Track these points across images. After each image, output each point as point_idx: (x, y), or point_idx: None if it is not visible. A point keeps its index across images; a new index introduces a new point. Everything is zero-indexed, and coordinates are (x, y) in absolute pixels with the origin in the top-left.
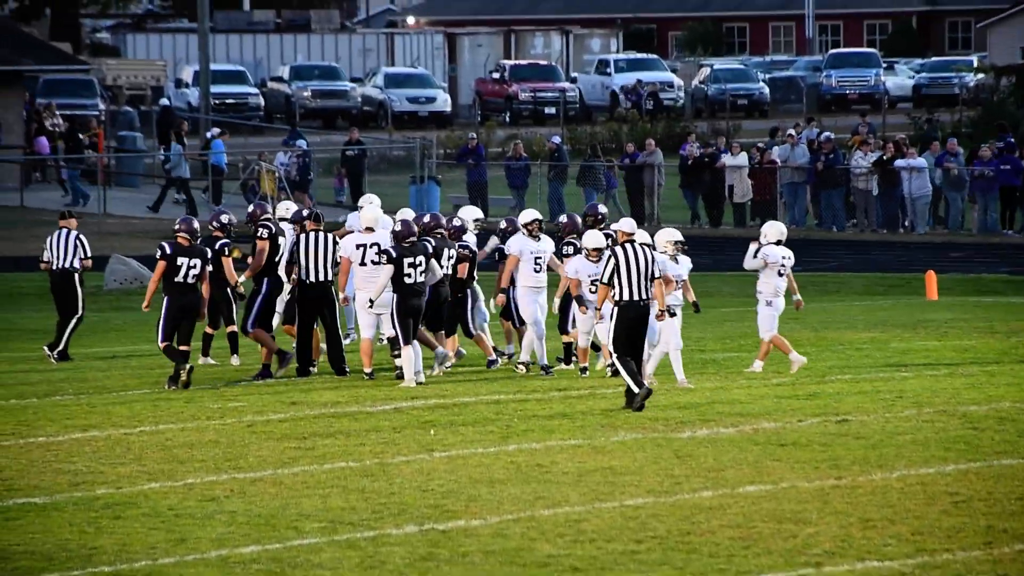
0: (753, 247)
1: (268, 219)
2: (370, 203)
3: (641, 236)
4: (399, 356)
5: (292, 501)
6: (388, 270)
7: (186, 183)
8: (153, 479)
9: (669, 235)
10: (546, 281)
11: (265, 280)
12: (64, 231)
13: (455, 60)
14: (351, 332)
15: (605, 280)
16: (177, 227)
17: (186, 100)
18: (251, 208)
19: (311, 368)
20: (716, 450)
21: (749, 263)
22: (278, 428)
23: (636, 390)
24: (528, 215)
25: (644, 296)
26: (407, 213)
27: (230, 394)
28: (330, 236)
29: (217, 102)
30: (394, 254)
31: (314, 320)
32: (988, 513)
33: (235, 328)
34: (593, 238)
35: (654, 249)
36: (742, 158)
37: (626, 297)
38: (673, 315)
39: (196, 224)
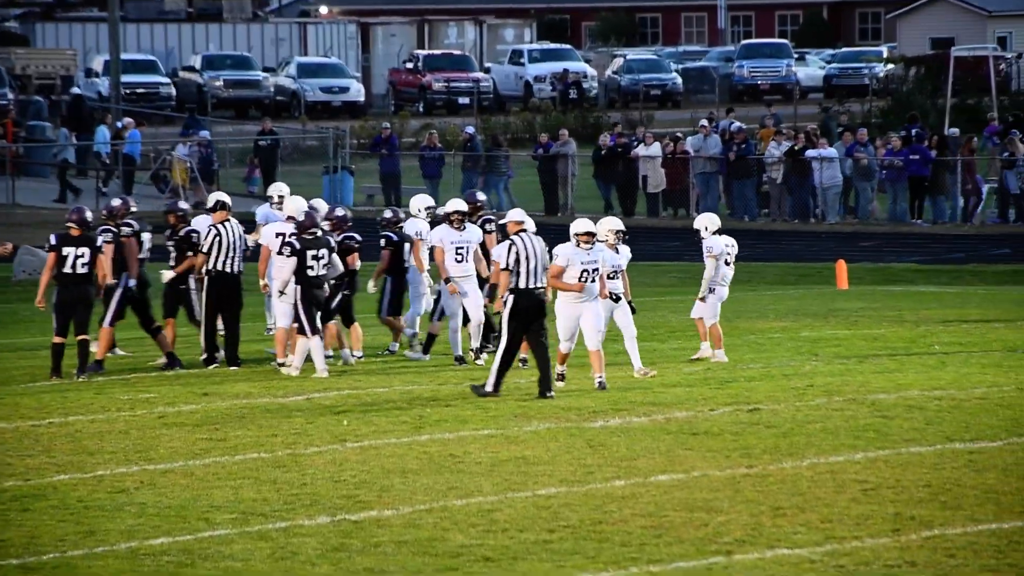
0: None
1: (135, 214)
2: (281, 193)
3: (582, 226)
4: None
5: (203, 492)
6: (292, 262)
7: (67, 168)
8: (62, 471)
9: (611, 224)
10: (472, 271)
11: (124, 275)
12: None
13: (368, 50)
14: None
15: (510, 266)
16: (67, 216)
17: (96, 90)
18: (115, 202)
19: (217, 356)
20: (628, 439)
21: (708, 272)
22: (189, 419)
23: (490, 389)
24: (451, 205)
25: (540, 284)
26: (321, 204)
27: (141, 385)
28: (240, 227)
29: (128, 92)
30: (298, 246)
31: (218, 312)
32: (896, 501)
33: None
34: (588, 224)
35: (595, 239)
36: (655, 148)
37: (523, 285)
38: (617, 300)
39: (88, 214)
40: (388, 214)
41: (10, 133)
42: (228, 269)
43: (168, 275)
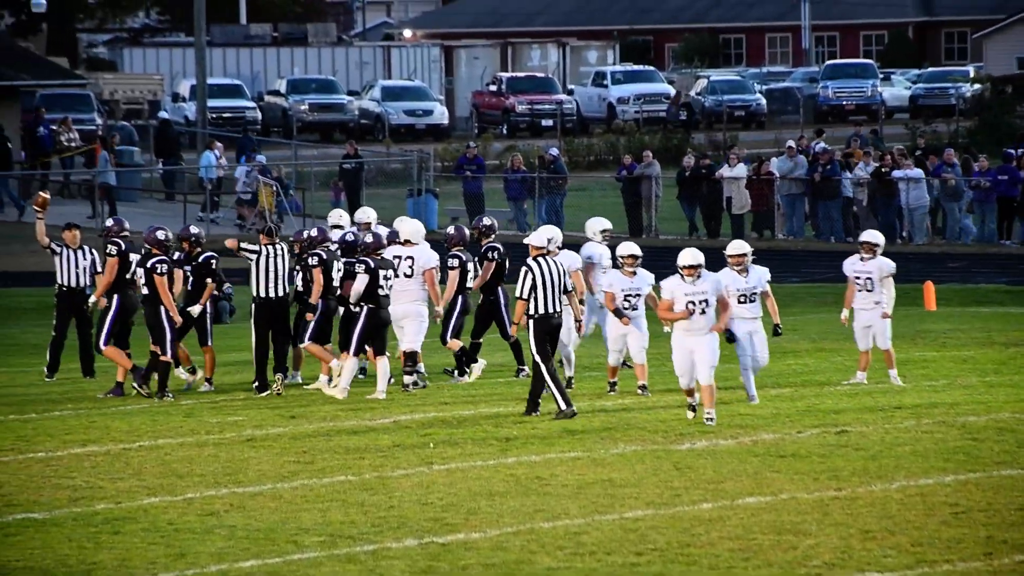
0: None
1: (124, 235)
2: (368, 220)
3: (685, 258)
4: (411, 372)
5: (291, 515)
6: (363, 280)
7: (110, 191)
8: (152, 494)
9: (735, 248)
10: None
11: (116, 297)
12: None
13: (452, 73)
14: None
15: (524, 295)
16: (144, 237)
17: (183, 114)
18: (109, 223)
19: (268, 385)
20: (715, 462)
21: (891, 292)
22: (277, 442)
23: (564, 407)
24: (624, 248)
25: (557, 309)
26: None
27: (229, 408)
28: (286, 249)
29: (214, 116)
30: (372, 265)
31: (268, 335)
32: (988, 524)
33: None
34: (627, 247)
35: (700, 270)
36: (740, 169)
37: (541, 310)
38: (731, 340)
39: (160, 234)
40: (313, 232)
41: (96, 158)
42: (271, 294)
43: (197, 309)
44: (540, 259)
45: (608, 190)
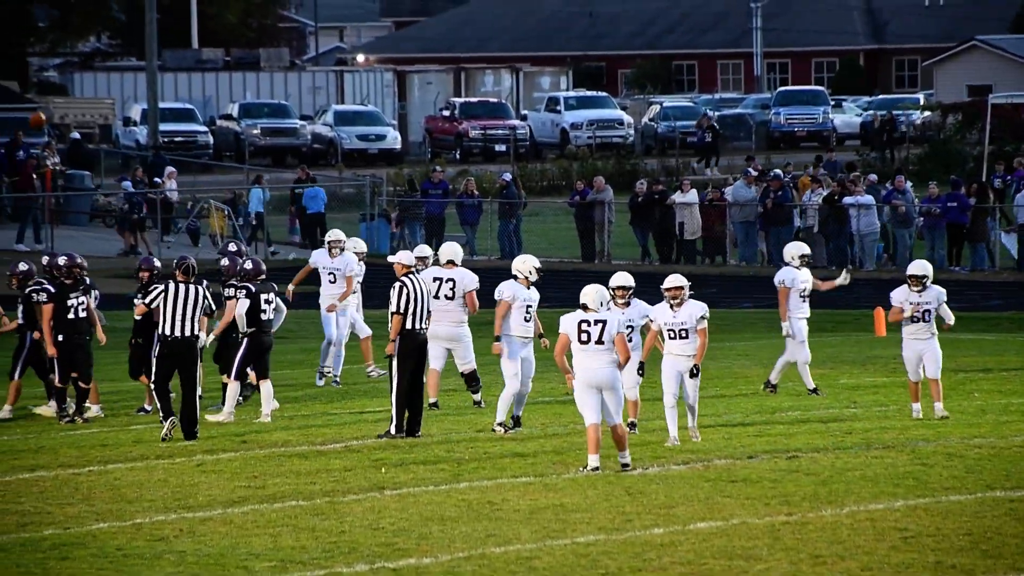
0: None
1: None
2: (358, 249)
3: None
4: (476, 390)
5: (242, 540)
6: (243, 304)
7: None
8: (101, 519)
9: (669, 281)
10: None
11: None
12: None
13: (405, 98)
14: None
15: (401, 310)
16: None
17: (135, 138)
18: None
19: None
20: (667, 487)
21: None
22: (228, 467)
23: (394, 431)
24: (528, 262)
25: (423, 326)
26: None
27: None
28: (200, 289)
29: (166, 140)
30: (253, 289)
31: (171, 376)
32: (937, 549)
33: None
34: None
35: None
36: (692, 195)
37: (408, 326)
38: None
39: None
40: (226, 262)
41: (48, 182)
42: (178, 333)
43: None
44: (411, 276)
45: (561, 215)
